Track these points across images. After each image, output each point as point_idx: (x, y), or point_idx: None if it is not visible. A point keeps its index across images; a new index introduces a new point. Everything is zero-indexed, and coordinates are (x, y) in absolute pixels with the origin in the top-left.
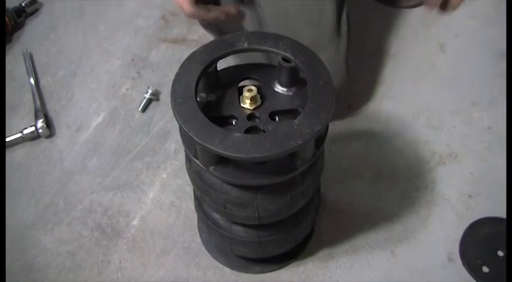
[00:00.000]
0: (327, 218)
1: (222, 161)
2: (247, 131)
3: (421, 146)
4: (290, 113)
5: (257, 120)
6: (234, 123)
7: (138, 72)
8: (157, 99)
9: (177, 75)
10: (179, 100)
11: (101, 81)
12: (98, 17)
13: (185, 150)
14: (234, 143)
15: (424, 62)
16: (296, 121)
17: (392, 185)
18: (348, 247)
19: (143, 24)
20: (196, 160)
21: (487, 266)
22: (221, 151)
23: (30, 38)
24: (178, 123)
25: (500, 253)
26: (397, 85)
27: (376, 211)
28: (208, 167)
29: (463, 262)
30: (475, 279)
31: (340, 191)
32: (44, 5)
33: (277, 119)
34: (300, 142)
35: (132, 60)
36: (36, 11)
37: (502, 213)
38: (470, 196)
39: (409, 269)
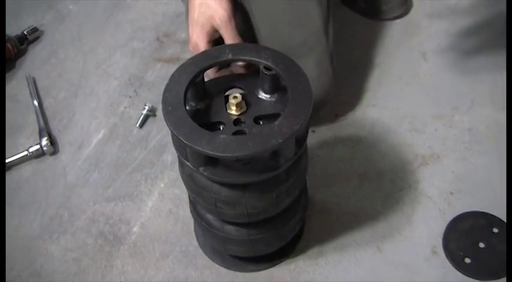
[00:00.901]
0: (315, 219)
1: (210, 162)
2: (234, 134)
3: (405, 149)
4: (273, 117)
5: (243, 124)
6: (221, 129)
7: (135, 91)
8: (154, 115)
9: (167, 85)
10: (169, 108)
11: (100, 101)
12: (96, 41)
13: (178, 155)
14: (220, 144)
15: (406, 70)
16: (277, 122)
17: (378, 186)
18: (336, 245)
19: (139, 46)
20: (187, 162)
21: (469, 257)
22: (209, 152)
23: (33, 63)
24: (170, 129)
25: (482, 245)
26: (382, 93)
27: (362, 211)
28: (198, 168)
29: (446, 254)
30: (457, 270)
31: (327, 194)
32: (45, 32)
33: (261, 122)
34: (280, 140)
35: (129, 79)
36: (37, 38)
37: (482, 207)
38: (451, 193)
39: (394, 263)
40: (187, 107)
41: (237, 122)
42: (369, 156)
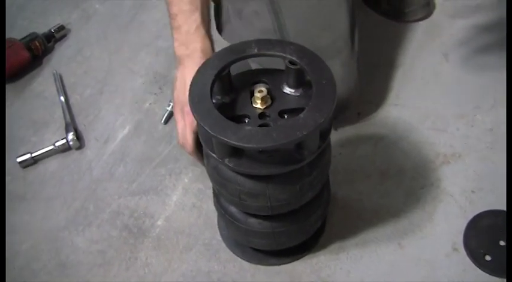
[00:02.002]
0: (337, 214)
1: (235, 153)
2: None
3: (426, 147)
4: (297, 111)
5: (267, 118)
6: (246, 121)
7: (160, 88)
8: None
9: (194, 79)
10: (196, 100)
11: (126, 98)
12: (122, 40)
13: (203, 147)
14: (245, 135)
15: (428, 70)
16: (301, 115)
17: (399, 184)
18: (358, 240)
19: (164, 45)
20: (213, 154)
21: (489, 255)
22: (234, 142)
23: (59, 61)
24: (196, 120)
25: (502, 242)
26: (404, 93)
27: (384, 208)
28: (223, 159)
29: (466, 252)
30: (478, 267)
31: (349, 190)
32: (72, 30)
33: (285, 117)
34: (304, 133)
35: (154, 77)
36: (64, 36)
37: (503, 206)
38: (473, 192)
39: (415, 259)
40: (213, 100)
41: (262, 115)
42: (390, 154)
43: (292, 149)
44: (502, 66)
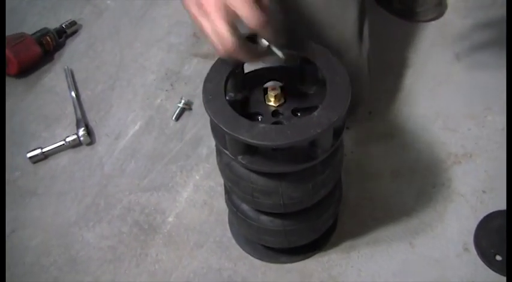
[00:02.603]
0: (349, 213)
1: (249, 150)
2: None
3: (438, 147)
4: (311, 110)
5: (281, 116)
6: (260, 119)
7: (171, 85)
8: (190, 109)
9: (208, 75)
10: (210, 97)
11: (137, 94)
12: (133, 36)
13: (216, 144)
14: (259, 133)
15: (440, 70)
16: (316, 113)
17: (410, 183)
18: (369, 239)
19: (175, 41)
20: (226, 151)
21: (500, 255)
22: (248, 140)
23: (71, 56)
24: (210, 117)
25: None
26: (415, 92)
27: (395, 207)
28: (236, 156)
29: (477, 251)
30: (488, 266)
31: (361, 189)
32: (83, 26)
33: (299, 115)
34: (318, 131)
35: (166, 74)
36: (75, 31)
37: None
38: (484, 192)
39: (426, 258)
40: (227, 98)
41: (275, 113)
42: (402, 153)
43: (305, 147)
44: None
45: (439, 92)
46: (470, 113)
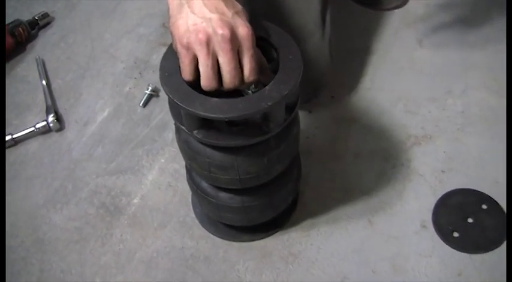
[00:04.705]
0: (309, 193)
1: (204, 125)
2: None
3: (398, 129)
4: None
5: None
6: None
7: (140, 73)
8: (157, 95)
9: (165, 54)
10: (166, 74)
11: (107, 82)
12: (104, 28)
13: (174, 122)
14: (212, 106)
15: (403, 56)
16: (267, 87)
17: (371, 164)
18: (329, 218)
19: (145, 32)
20: (182, 126)
21: (458, 232)
22: (201, 113)
23: (43, 47)
24: (166, 93)
25: (470, 220)
26: (377, 77)
27: (355, 187)
28: (192, 131)
29: (435, 228)
30: (446, 243)
31: (322, 170)
32: (56, 18)
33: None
34: (269, 103)
35: (135, 63)
36: (48, 23)
37: (472, 185)
38: (443, 172)
39: (384, 236)
40: None
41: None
42: (363, 135)
43: (259, 121)
44: (475, 51)
45: (401, 77)
46: (431, 96)
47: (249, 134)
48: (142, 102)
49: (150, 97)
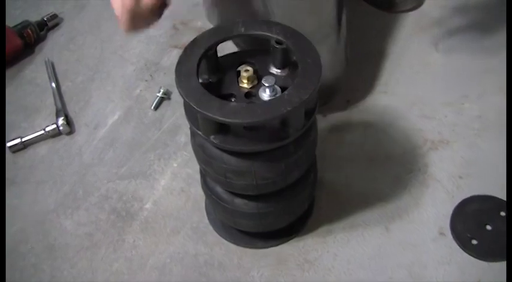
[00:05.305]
0: (325, 199)
1: (221, 130)
2: None
3: (414, 134)
4: (284, 91)
5: (253, 98)
6: (233, 100)
7: (151, 75)
8: (169, 98)
9: (181, 57)
10: (182, 78)
11: (117, 85)
12: (114, 29)
13: (190, 126)
14: (230, 111)
15: (418, 59)
16: (286, 92)
17: (387, 169)
18: (345, 224)
19: (155, 33)
20: (198, 131)
21: (476, 239)
22: (219, 117)
23: (52, 49)
24: (182, 97)
25: (488, 227)
26: (393, 81)
27: (371, 192)
28: (209, 136)
29: (453, 236)
30: (464, 250)
31: (337, 175)
32: (65, 19)
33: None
34: (289, 108)
35: (145, 65)
36: (57, 25)
37: (490, 191)
38: (460, 177)
39: (401, 243)
40: (200, 80)
41: (248, 95)
42: (378, 140)
43: (277, 126)
44: (491, 56)
45: (417, 81)
46: (447, 100)
47: (268, 140)
48: (153, 105)
49: (161, 100)
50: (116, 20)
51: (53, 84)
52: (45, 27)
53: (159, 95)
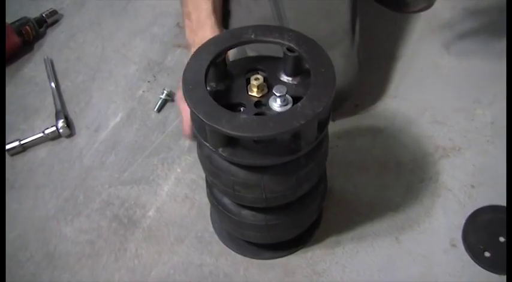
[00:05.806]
0: (334, 208)
1: (230, 143)
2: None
3: (426, 140)
4: (295, 101)
5: (263, 107)
6: (242, 110)
7: (154, 76)
8: (172, 100)
9: (188, 64)
10: (190, 87)
11: (119, 85)
12: (116, 26)
13: (197, 136)
14: (240, 124)
15: (429, 63)
16: (299, 104)
17: (397, 177)
18: (354, 235)
19: (159, 32)
20: (206, 143)
21: (489, 251)
22: (229, 131)
23: (51, 47)
24: (190, 108)
25: (502, 239)
26: (403, 85)
27: (381, 201)
28: (217, 149)
29: (465, 247)
30: (476, 263)
31: (346, 183)
32: (64, 16)
33: None
34: (302, 122)
35: (148, 64)
36: (56, 21)
37: (503, 201)
38: (472, 186)
39: (412, 254)
40: (207, 88)
41: (258, 104)
42: (389, 146)
43: (288, 139)
44: (503, 61)
45: (428, 85)
46: (459, 106)
47: (278, 153)
48: (156, 107)
49: (164, 102)
50: (118, 16)
51: (53, 84)
52: (44, 24)
53: (163, 97)
